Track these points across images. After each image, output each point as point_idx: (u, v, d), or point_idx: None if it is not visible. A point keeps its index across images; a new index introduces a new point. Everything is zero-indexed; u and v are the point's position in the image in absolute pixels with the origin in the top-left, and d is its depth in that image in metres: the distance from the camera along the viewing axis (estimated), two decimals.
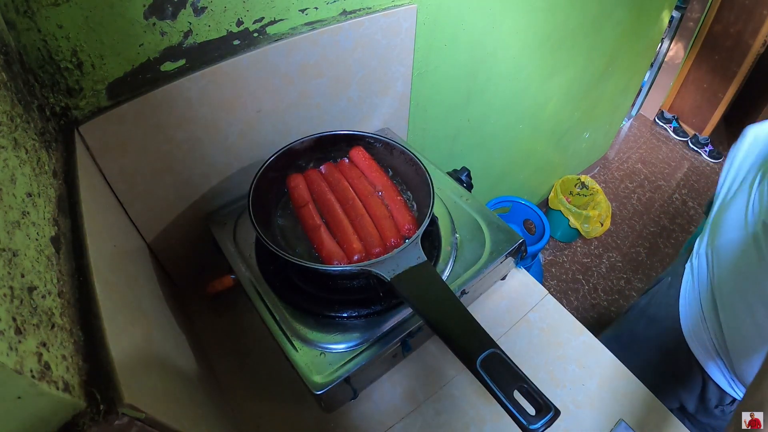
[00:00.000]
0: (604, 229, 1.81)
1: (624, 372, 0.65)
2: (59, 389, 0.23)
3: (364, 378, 0.58)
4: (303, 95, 0.67)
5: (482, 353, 0.42)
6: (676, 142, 2.49)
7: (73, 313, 0.30)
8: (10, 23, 0.41)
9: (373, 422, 0.60)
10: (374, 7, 0.67)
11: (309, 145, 0.65)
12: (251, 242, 0.62)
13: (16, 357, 0.21)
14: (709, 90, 2.30)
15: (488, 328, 0.44)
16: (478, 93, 1.04)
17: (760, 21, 1.96)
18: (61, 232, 0.35)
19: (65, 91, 0.47)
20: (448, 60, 0.88)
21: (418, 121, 0.94)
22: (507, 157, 1.44)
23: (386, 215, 0.60)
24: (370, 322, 0.55)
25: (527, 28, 1.01)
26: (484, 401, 0.61)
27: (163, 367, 0.39)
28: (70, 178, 0.41)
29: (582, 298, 1.75)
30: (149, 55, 0.51)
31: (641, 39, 1.60)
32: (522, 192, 1.70)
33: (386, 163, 0.68)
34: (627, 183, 2.22)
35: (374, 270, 0.50)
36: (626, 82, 1.79)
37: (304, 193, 0.62)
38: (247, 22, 0.56)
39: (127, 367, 0.29)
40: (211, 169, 0.64)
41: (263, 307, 0.56)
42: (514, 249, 0.64)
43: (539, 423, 0.38)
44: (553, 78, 1.27)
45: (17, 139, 0.34)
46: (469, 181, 0.76)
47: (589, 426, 0.60)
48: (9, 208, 0.28)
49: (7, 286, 0.24)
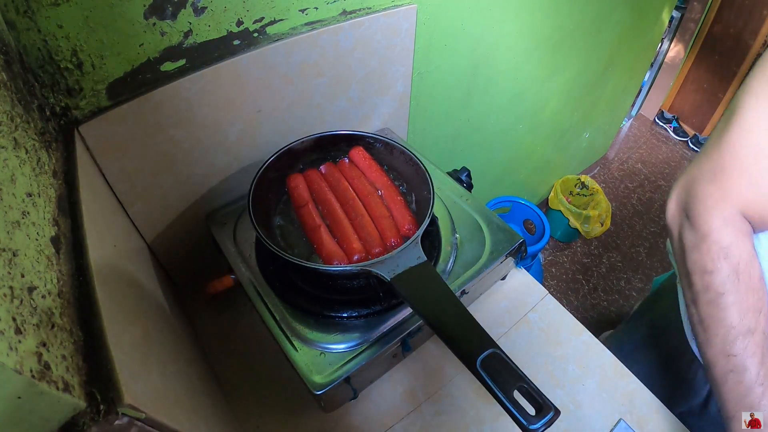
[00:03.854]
0: (604, 229, 1.81)
1: (624, 372, 0.65)
2: (59, 389, 0.23)
3: (364, 378, 0.58)
4: (303, 95, 0.67)
5: (482, 353, 0.42)
6: (676, 142, 2.49)
7: (73, 313, 0.30)
8: (10, 23, 0.41)
9: (373, 422, 0.60)
10: (374, 7, 0.67)
11: (309, 145, 0.65)
12: (251, 242, 0.62)
13: (16, 357, 0.21)
14: (709, 90, 2.30)
15: (488, 328, 0.44)
16: (478, 93, 1.04)
17: (760, 21, 1.96)
18: (61, 232, 0.35)
19: (65, 91, 0.47)
20: (448, 60, 0.88)
21: (418, 121, 0.94)
22: (507, 157, 1.44)
23: (386, 215, 0.60)
24: (370, 322, 0.55)
25: (527, 28, 1.01)
26: (484, 401, 0.61)
27: (163, 367, 0.39)
28: (70, 178, 0.41)
29: (582, 298, 1.75)
30: (149, 55, 0.51)
31: (641, 39, 1.61)
32: (522, 192, 1.70)
33: (386, 163, 0.68)
34: (627, 183, 2.22)
35: (374, 270, 0.50)
36: (626, 82, 1.79)
37: (304, 193, 0.62)
38: (247, 22, 0.56)
39: (127, 367, 0.29)
40: (211, 169, 0.64)
41: (263, 307, 0.56)
42: (514, 249, 0.64)
43: (539, 423, 0.38)
44: (553, 78, 1.27)
45: (17, 139, 0.34)
46: (469, 181, 0.76)
47: (589, 426, 0.60)
48: (9, 208, 0.28)
49: (7, 286, 0.24)
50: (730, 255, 0.47)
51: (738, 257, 0.47)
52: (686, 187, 0.51)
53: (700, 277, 0.49)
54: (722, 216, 0.48)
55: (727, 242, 0.47)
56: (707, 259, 0.48)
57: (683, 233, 0.51)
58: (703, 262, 0.49)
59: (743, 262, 0.47)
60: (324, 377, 0.50)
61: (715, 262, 0.48)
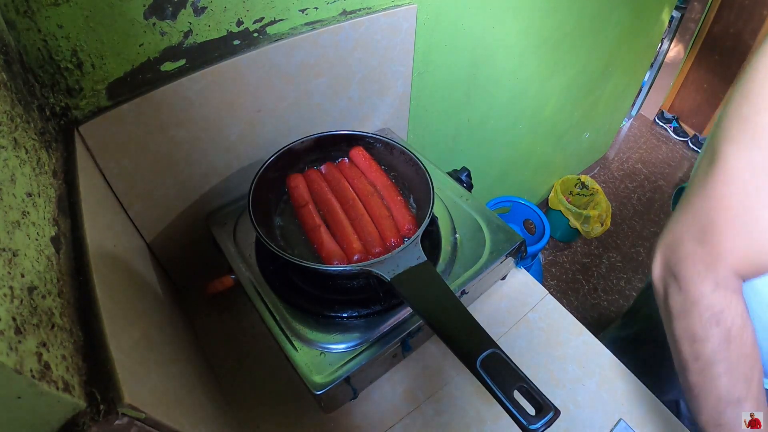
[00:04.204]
0: (604, 229, 1.81)
1: (624, 372, 0.65)
2: (59, 389, 0.23)
3: (364, 378, 0.58)
4: (303, 95, 0.67)
5: (482, 353, 0.42)
6: (676, 142, 2.49)
7: (73, 313, 0.30)
8: (10, 23, 0.41)
9: (373, 422, 0.60)
10: (374, 7, 0.67)
11: (309, 145, 0.65)
12: (251, 242, 0.62)
13: (16, 357, 0.21)
14: (709, 90, 2.30)
15: (488, 328, 0.44)
16: (478, 93, 1.04)
17: (760, 21, 1.96)
18: (61, 232, 0.35)
19: (65, 91, 0.47)
20: (448, 60, 0.88)
21: (418, 121, 0.94)
22: (507, 157, 1.44)
23: (386, 215, 0.60)
24: (370, 322, 0.55)
25: (527, 28, 1.01)
26: (484, 401, 0.61)
27: (163, 367, 0.39)
28: (70, 178, 0.41)
29: (582, 298, 1.75)
30: (149, 55, 0.51)
31: (641, 39, 1.61)
32: (522, 192, 1.70)
33: (386, 163, 0.68)
34: (627, 183, 2.22)
35: (374, 270, 0.50)
36: (626, 82, 1.79)
37: (304, 193, 0.62)
38: (247, 22, 0.56)
39: (127, 367, 0.29)
40: (211, 169, 0.64)
41: (263, 307, 0.56)
42: (514, 249, 0.64)
43: (539, 423, 0.38)
44: (553, 78, 1.27)
45: (17, 139, 0.34)
46: (469, 181, 0.76)
47: (589, 426, 0.60)
48: (9, 208, 0.28)
49: (7, 286, 0.24)
50: (721, 321, 0.45)
51: (731, 322, 0.45)
52: (672, 246, 0.48)
53: (690, 345, 0.47)
54: (714, 280, 0.45)
55: (719, 308, 0.45)
56: (697, 327, 0.46)
57: (670, 296, 0.48)
58: (693, 330, 0.46)
59: (735, 327, 0.45)
60: (324, 377, 0.50)
61: (706, 329, 0.45)
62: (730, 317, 0.45)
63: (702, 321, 0.45)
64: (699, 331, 0.46)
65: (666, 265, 0.49)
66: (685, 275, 0.46)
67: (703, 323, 0.45)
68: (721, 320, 0.45)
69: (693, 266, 0.46)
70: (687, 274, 0.46)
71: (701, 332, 0.46)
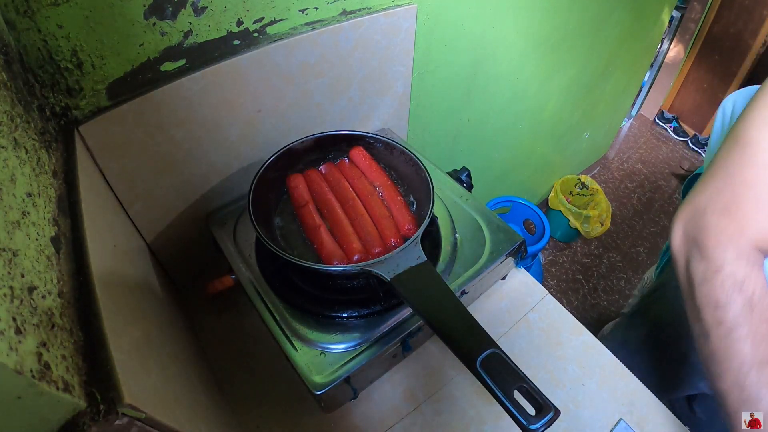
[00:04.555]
0: (604, 229, 1.81)
1: (624, 372, 0.65)
2: (59, 389, 0.23)
3: (364, 378, 0.58)
4: (303, 95, 0.67)
5: (482, 353, 0.42)
6: (676, 142, 2.49)
7: (73, 313, 0.30)
8: (10, 23, 0.41)
9: (373, 422, 0.60)
10: (374, 7, 0.67)
11: (309, 145, 0.65)
12: (251, 242, 0.62)
13: (16, 357, 0.21)
14: (709, 90, 2.30)
15: (488, 328, 0.44)
16: (478, 93, 1.04)
17: (760, 21, 1.96)
18: (61, 232, 0.35)
19: (65, 91, 0.47)
20: (448, 60, 0.88)
21: (418, 121, 0.94)
22: (507, 157, 1.44)
23: (386, 215, 0.60)
24: (370, 322, 0.55)
25: (527, 28, 1.01)
26: (484, 401, 0.61)
27: (163, 367, 0.39)
28: (70, 178, 0.41)
29: (582, 298, 1.75)
30: (149, 55, 0.51)
31: (641, 39, 1.60)
32: (522, 192, 1.70)
33: (386, 163, 0.68)
34: (627, 183, 2.22)
35: (374, 270, 0.50)
36: (626, 82, 1.79)
37: (304, 193, 0.62)
38: (247, 22, 0.56)
39: (127, 367, 0.29)
40: (211, 169, 0.64)
41: (263, 307, 0.56)
42: (514, 249, 0.64)
43: (539, 423, 0.38)
44: (553, 78, 1.27)
45: (17, 139, 0.34)
46: (469, 181, 0.76)
47: (589, 426, 0.60)
48: (9, 208, 0.28)
49: (7, 286, 0.24)
50: (744, 287, 0.46)
51: (752, 289, 0.46)
52: (694, 217, 0.49)
53: (712, 311, 0.47)
54: (737, 249, 0.46)
55: (742, 275, 0.46)
56: (720, 293, 0.47)
57: (692, 265, 0.49)
58: (715, 296, 0.47)
59: (758, 294, 0.46)
60: (324, 377, 0.50)
61: (728, 295, 0.46)
62: (752, 284, 0.46)
63: (725, 287, 0.46)
64: (722, 296, 0.46)
65: (688, 234, 0.50)
66: (707, 244, 0.47)
67: (726, 289, 0.46)
68: (743, 287, 0.46)
69: (716, 236, 0.47)
70: (710, 243, 0.47)
71: (724, 298, 0.46)
